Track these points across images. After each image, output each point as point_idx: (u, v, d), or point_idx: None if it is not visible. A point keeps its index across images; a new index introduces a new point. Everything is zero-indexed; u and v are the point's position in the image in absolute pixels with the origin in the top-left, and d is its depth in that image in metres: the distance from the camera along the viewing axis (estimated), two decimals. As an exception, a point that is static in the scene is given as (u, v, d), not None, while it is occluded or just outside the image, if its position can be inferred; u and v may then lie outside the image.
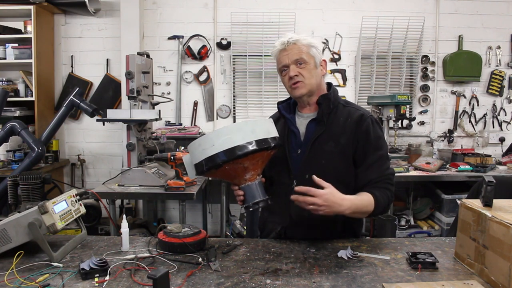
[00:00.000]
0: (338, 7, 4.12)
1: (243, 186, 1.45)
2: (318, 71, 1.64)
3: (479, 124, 4.23)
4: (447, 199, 3.50)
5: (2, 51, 3.76)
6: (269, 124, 1.48)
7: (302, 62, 1.60)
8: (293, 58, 1.59)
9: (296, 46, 1.60)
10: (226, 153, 1.34)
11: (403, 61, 4.10)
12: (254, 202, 1.43)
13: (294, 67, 1.60)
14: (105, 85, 4.11)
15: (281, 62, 1.63)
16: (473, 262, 1.31)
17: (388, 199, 1.60)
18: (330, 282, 1.25)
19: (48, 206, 1.39)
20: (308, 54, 1.61)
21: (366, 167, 1.60)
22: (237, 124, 1.42)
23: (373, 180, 1.59)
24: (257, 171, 1.45)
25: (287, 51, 1.60)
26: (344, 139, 1.60)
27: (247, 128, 1.37)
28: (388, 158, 1.68)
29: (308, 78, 1.61)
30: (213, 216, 4.23)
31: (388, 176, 1.62)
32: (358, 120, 1.61)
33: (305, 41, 1.61)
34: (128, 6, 3.87)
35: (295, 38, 1.61)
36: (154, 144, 2.99)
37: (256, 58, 4.09)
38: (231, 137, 1.34)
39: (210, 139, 1.37)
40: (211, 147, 1.35)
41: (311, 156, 1.60)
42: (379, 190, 1.58)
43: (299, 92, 1.62)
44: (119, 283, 1.24)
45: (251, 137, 1.36)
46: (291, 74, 1.60)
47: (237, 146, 1.33)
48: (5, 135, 3.11)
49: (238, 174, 1.43)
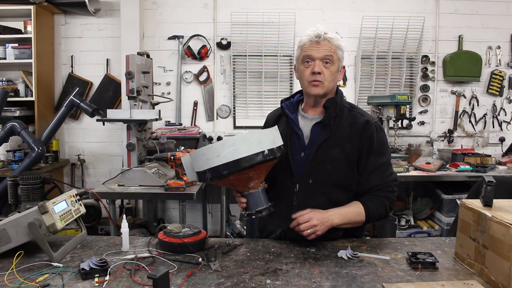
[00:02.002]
0: (338, 7, 4.12)
1: (246, 194, 1.44)
2: (338, 75, 1.62)
3: (479, 124, 4.23)
4: (447, 199, 3.50)
5: (2, 51, 3.76)
6: (275, 133, 1.45)
7: (329, 62, 1.56)
8: (323, 54, 1.55)
9: (329, 43, 1.56)
10: (232, 164, 1.31)
11: (403, 61, 4.10)
12: (257, 210, 1.42)
13: (320, 64, 1.56)
14: (105, 85, 4.11)
15: (309, 53, 1.57)
16: (473, 262, 1.31)
17: (386, 207, 1.60)
18: (330, 282, 1.25)
19: (48, 206, 1.39)
20: (337, 56, 1.58)
21: (368, 173, 1.60)
22: (243, 134, 1.38)
23: (373, 188, 1.59)
24: (260, 179, 1.44)
25: (319, 44, 1.55)
26: (350, 145, 1.59)
27: (253, 139, 1.34)
28: (391, 164, 1.67)
29: (329, 81, 1.58)
30: (213, 216, 4.23)
31: (389, 183, 1.61)
32: (364, 126, 1.60)
33: (338, 42, 1.58)
34: (128, 6, 3.87)
35: (330, 35, 1.57)
36: (154, 144, 2.99)
37: (256, 58, 4.09)
38: (236, 148, 1.32)
39: (215, 149, 1.33)
40: (216, 158, 1.32)
41: (316, 160, 1.58)
42: (376, 199, 1.58)
43: (317, 91, 1.59)
44: (119, 283, 1.24)
45: (257, 148, 1.33)
46: (315, 69, 1.55)
47: (243, 157, 1.31)
48: (5, 135, 3.11)
49: (242, 183, 1.42)
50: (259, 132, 1.38)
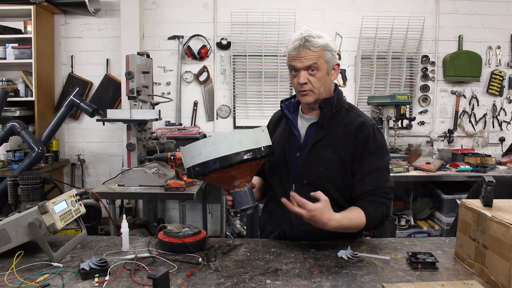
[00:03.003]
0: (338, 7, 4.12)
1: (232, 192, 1.45)
2: (330, 77, 1.58)
3: (479, 124, 4.23)
4: (447, 199, 3.50)
5: (2, 51, 3.76)
6: (259, 134, 1.42)
7: (314, 69, 1.52)
8: (306, 65, 1.51)
9: (310, 51, 1.49)
10: (212, 162, 1.33)
11: (403, 61, 4.10)
12: (242, 209, 1.42)
13: (305, 74, 1.52)
14: (105, 85, 4.11)
15: (292, 63, 1.54)
16: (473, 262, 1.31)
17: (382, 215, 1.52)
18: (330, 282, 1.25)
19: (48, 206, 1.39)
20: (322, 60, 1.51)
21: (362, 177, 1.54)
22: (225, 134, 1.40)
23: (368, 193, 1.52)
24: (246, 179, 1.44)
25: (300, 55, 1.51)
26: (343, 146, 1.55)
27: (234, 139, 1.35)
28: (388, 169, 1.60)
29: (317, 87, 1.54)
30: (213, 216, 4.23)
31: (385, 190, 1.53)
32: (359, 127, 1.56)
33: (322, 42, 1.50)
34: (128, 6, 3.87)
35: (312, 41, 1.49)
36: (154, 144, 2.99)
37: (256, 58, 4.09)
38: (217, 147, 1.33)
39: (197, 147, 1.36)
40: (198, 155, 1.35)
41: (309, 161, 1.57)
42: (373, 205, 1.51)
43: (307, 100, 1.57)
44: (119, 283, 1.24)
45: (237, 148, 1.34)
46: (301, 80, 1.52)
47: (222, 156, 1.32)
48: (5, 135, 3.11)
49: (226, 181, 1.43)
50: (241, 132, 1.38)
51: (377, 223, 1.53)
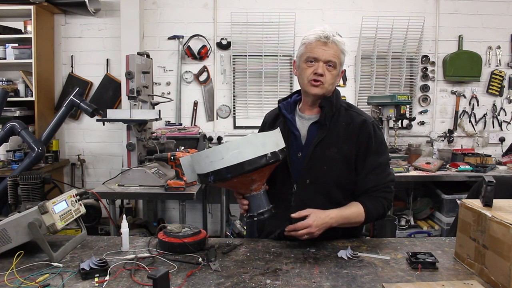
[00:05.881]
0: (338, 7, 4.12)
1: (248, 196, 1.44)
2: (337, 79, 1.62)
3: (479, 124, 4.23)
4: (447, 199, 3.50)
5: (2, 51, 3.76)
6: (278, 136, 1.44)
7: (331, 65, 1.55)
8: (328, 58, 1.54)
9: (336, 47, 1.55)
10: (236, 167, 1.30)
11: (403, 61, 4.10)
12: (259, 212, 1.42)
13: (324, 66, 1.55)
14: (105, 85, 4.11)
15: (314, 53, 1.55)
16: (473, 262, 1.31)
17: (384, 208, 1.60)
18: (330, 282, 1.25)
19: (48, 206, 1.39)
20: (339, 60, 1.57)
21: (365, 174, 1.59)
22: (248, 137, 1.37)
23: (371, 189, 1.59)
24: (263, 182, 1.44)
25: (327, 46, 1.53)
26: (347, 144, 1.58)
27: (257, 142, 1.34)
28: (388, 164, 1.66)
29: (329, 83, 1.57)
30: (213, 216, 4.23)
31: (387, 184, 1.61)
32: (361, 125, 1.60)
33: (343, 46, 1.57)
34: (128, 6, 3.87)
35: (338, 39, 1.55)
36: (154, 144, 2.99)
37: (256, 58, 4.09)
38: (241, 151, 1.31)
39: (219, 152, 1.32)
40: (219, 160, 1.31)
41: (312, 160, 1.58)
42: (374, 200, 1.58)
43: (316, 91, 1.57)
44: (119, 283, 1.24)
45: (261, 151, 1.32)
46: (319, 71, 1.54)
47: (248, 160, 1.30)
48: (5, 135, 3.11)
49: (244, 185, 1.42)
50: (263, 135, 1.38)
51: (378, 217, 1.60)
